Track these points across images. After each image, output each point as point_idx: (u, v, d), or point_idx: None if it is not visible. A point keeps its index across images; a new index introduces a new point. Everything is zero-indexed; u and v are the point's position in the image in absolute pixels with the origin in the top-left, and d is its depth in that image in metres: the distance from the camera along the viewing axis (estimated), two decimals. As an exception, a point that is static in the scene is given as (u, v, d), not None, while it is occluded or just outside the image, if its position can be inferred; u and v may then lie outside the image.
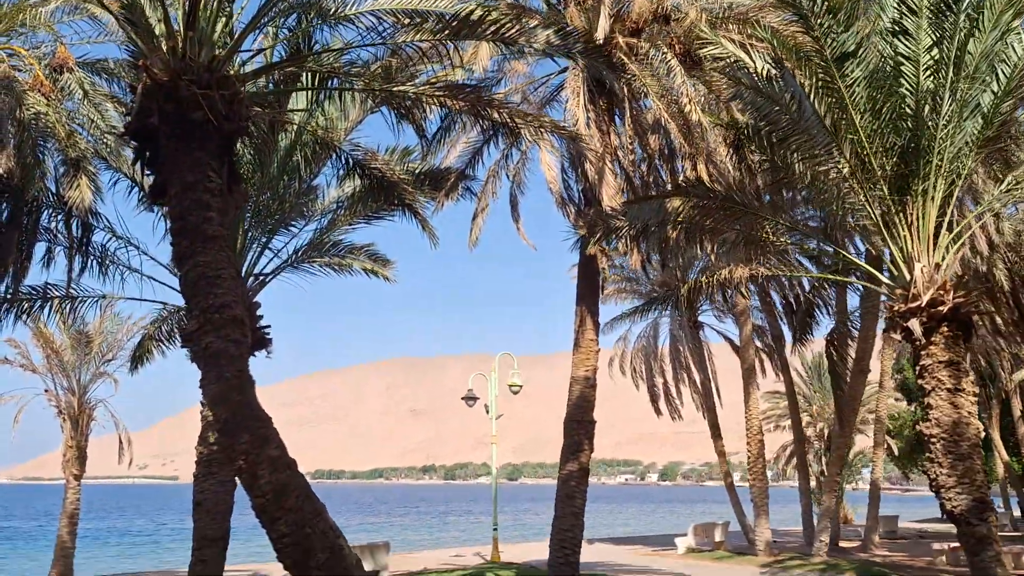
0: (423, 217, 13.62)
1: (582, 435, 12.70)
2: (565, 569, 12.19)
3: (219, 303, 8.70)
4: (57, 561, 22.57)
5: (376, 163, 12.54)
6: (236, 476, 8.37)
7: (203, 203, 9.04)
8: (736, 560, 23.47)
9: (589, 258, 13.47)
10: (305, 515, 8.36)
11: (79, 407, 22.55)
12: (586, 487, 12.63)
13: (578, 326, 13.29)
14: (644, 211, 11.13)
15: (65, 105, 14.02)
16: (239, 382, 8.55)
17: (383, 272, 17.37)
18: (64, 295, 14.15)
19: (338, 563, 8.46)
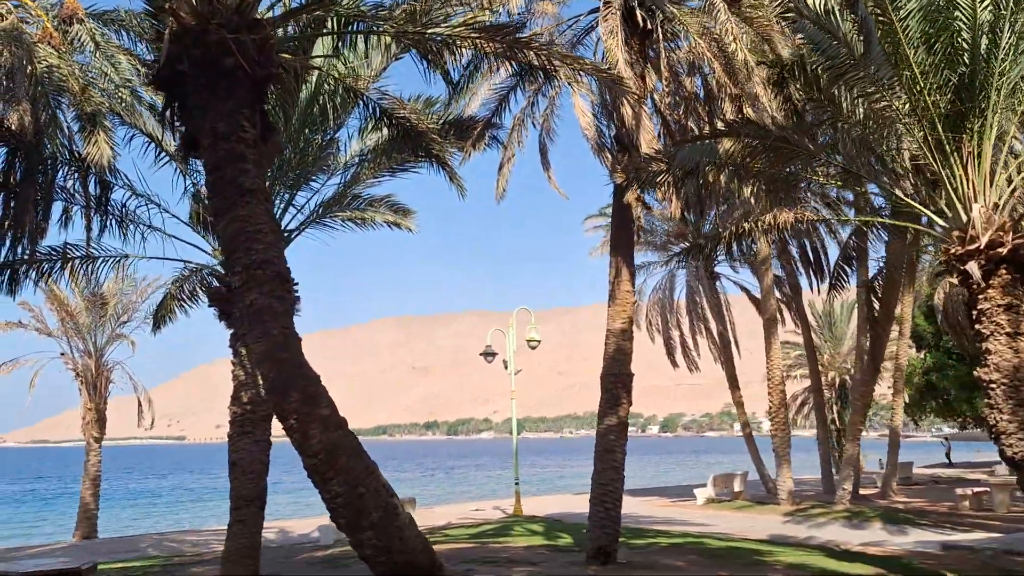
0: (451, 168, 13.19)
1: (620, 388, 12.47)
2: (607, 523, 12.06)
3: (261, 259, 8.37)
4: (81, 522, 22.67)
5: (404, 111, 12.07)
6: (288, 435, 8.11)
7: (238, 154, 8.65)
8: (758, 509, 23.55)
9: (624, 207, 13.08)
10: (357, 474, 8.15)
11: (96, 370, 22.38)
12: (625, 441, 12.45)
13: (613, 277, 12.95)
14: (692, 152, 10.71)
15: (76, 59, 13.51)
16: (285, 339, 8.26)
17: (405, 223, 17.00)
18: (84, 255, 13.78)
19: (391, 522, 8.28)
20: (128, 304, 22.63)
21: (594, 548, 12.02)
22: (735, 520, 21.14)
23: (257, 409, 12.48)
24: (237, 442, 12.24)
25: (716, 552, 13.79)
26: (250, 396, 12.46)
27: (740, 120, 10.51)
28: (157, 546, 19.45)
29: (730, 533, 17.61)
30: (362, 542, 8.20)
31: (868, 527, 18.77)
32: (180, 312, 16.29)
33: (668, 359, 29.47)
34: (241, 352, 12.69)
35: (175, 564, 15.04)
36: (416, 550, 8.41)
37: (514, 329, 24.13)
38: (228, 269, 8.51)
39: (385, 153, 13.90)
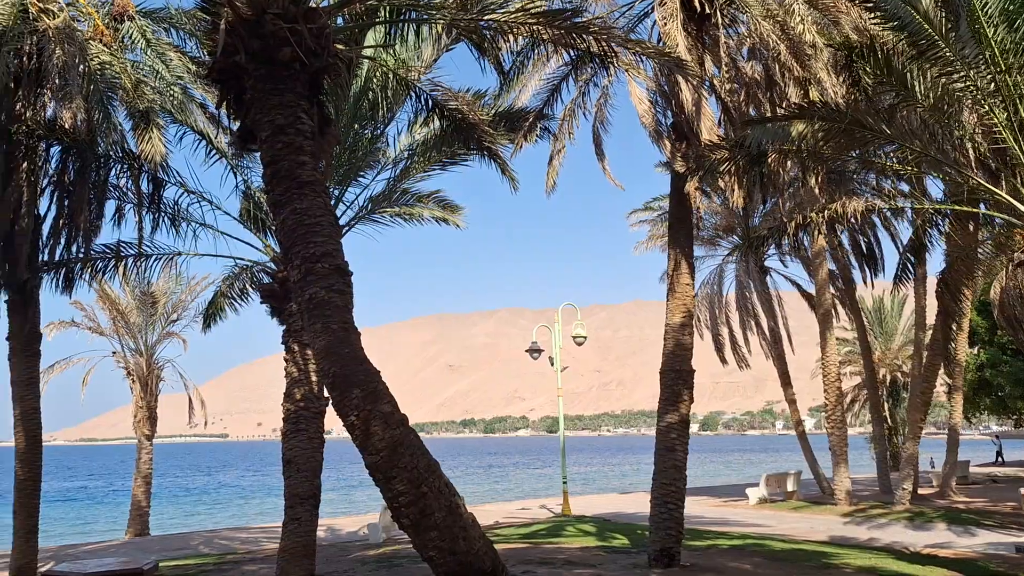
0: (503, 160, 12.91)
1: (681, 385, 12.06)
2: (670, 524, 11.68)
3: (320, 251, 8.19)
4: (133, 520, 22.88)
5: (456, 103, 11.82)
6: (349, 432, 7.90)
7: (296, 146, 8.48)
8: (814, 510, 22.90)
9: (682, 198, 12.68)
10: (420, 472, 7.90)
11: (148, 368, 22.57)
12: (687, 439, 12.04)
13: (672, 270, 12.55)
14: (762, 135, 10.26)
15: (127, 56, 13.52)
16: (346, 334, 8.05)
17: (453, 219, 16.81)
18: (136, 253, 13.80)
19: (455, 522, 8.02)
20: (178, 303, 22.82)
21: (657, 550, 11.65)
22: (792, 521, 20.55)
23: (310, 406, 12.35)
24: (291, 439, 12.12)
25: (781, 555, 13.31)
26: (303, 393, 12.33)
27: (812, 102, 10.03)
28: (208, 543, 19.51)
29: (790, 534, 17.09)
30: (426, 543, 7.96)
31: (932, 528, 18.10)
32: (231, 311, 16.27)
33: (717, 355, 28.84)
34: (294, 349, 12.58)
35: (229, 562, 15.00)
36: (480, 551, 8.14)
37: (560, 325, 23.77)
38: (287, 263, 8.33)
39: (435, 147, 13.68)
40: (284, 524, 11.88)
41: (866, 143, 9.86)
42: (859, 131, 9.67)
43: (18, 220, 12.73)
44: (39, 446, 13.19)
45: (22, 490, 12.93)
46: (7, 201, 12.53)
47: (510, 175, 13.00)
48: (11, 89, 12.82)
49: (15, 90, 13.00)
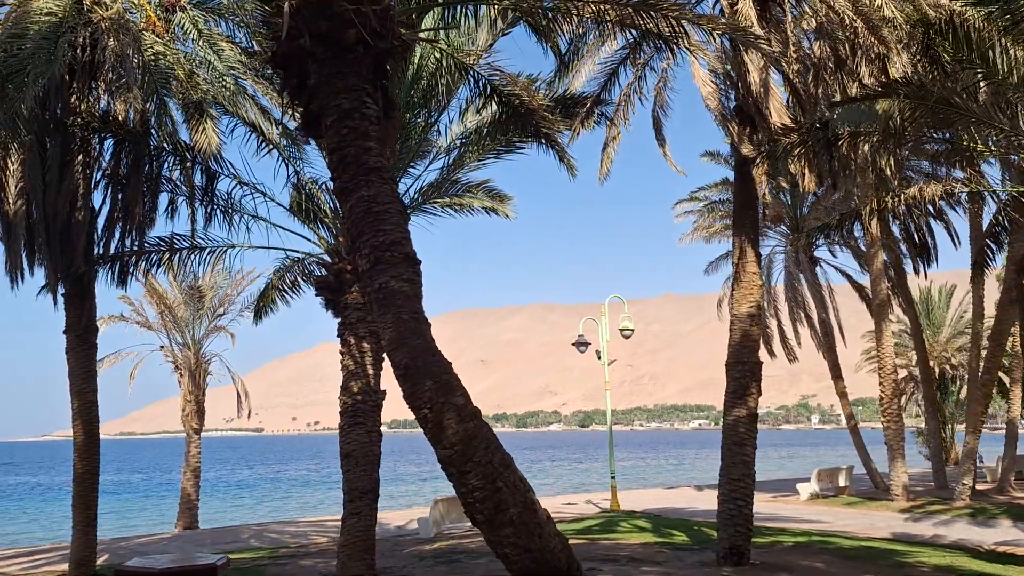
0: (561, 147, 12.57)
1: (749, 377, 11.66)
2: (739, 521, 11.30)
3: (390, 240, 7.95)
4: (183, 513, 23.01)
5: (515, 88, 11.50)
6: (421, 425, 7.66)
7: (362, 132, 8.24)
8: (870, 506, 22.29)
9: (747, 183, 12.23)
10: (495, 467, 7.63)
11: (195, 362, 22.65)
12: (756, 433, 11.65)
13: (737, 258, 12.14)
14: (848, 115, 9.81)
15: (178, 47, 13.43)
16: (417, 324, 7.81)
17: (503, 209, 16.53)
18: (190, 246, 13.72)
19: (531, 518, 7.75)
20: (224, 297, 22.88)
21: (726, 547, 11.28)
22: (848, 517, 19.99)
23: (368, 399, 12.16)
24: (349, 433, 11.94)
25: (850, 552, 12.85)
26: (361, 386, 12.15)
27: (896, 79, 9.54)
28: (258, 537, 19.51)
29: (851, 531, 16.59)
30: (501, 540, 7.69)
31: (997, 525, 17.48)
32: (281, 302, 16.16)
33: (765, 348, 28.20)
34: (350, 341, 12.40)
35: (283, 556, 14.92)
36: (555, 549, 7.85)
37: (607, 318, 23.40)
38: (354, 251, 8.12)
39: (490, 135, 13.38)
40: (343, 519, 11.72)
41: (951, 123, 9.37)
42: (945, 110, 9.18)
43: (74, 212, 12.73)
44: (97, 439, 13.19)
45: (81, 483, 12.95)
46: (64, 193, 12.51)
47: (568, 162, 12.66)
48: (66, 81, 12.80)
49: (70, 82, 12.99)
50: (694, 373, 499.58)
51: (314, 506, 37.60)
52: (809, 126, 10.48)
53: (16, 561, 17.06)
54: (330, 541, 17.61)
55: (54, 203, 12.41)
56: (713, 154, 27.26)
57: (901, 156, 14.30)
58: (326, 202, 13.30)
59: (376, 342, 12.51)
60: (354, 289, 12.50)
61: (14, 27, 11.85)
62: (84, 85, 13.44)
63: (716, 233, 28.38)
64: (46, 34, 11.53)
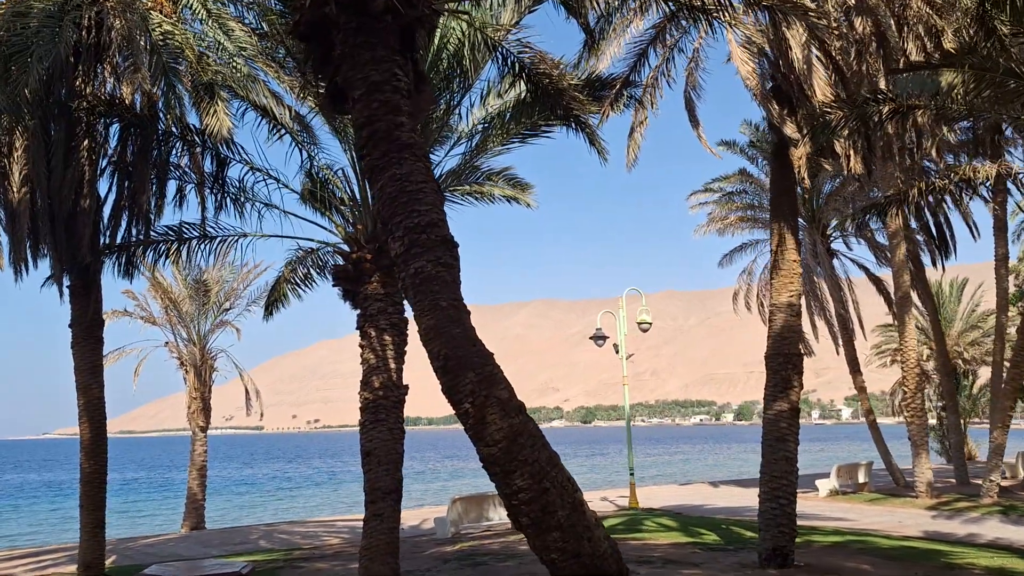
0: (591, 130, 12.01)
1: (790, 370, 11.10)
2: (783, 521, 10.75)
3: (425, 221, 7.38)
4: (189, 513, 22.45)
5: (546, 67, 10.92)
6: (462, 421, 7.11)
7: (393, 105, 7.67)
8: (893, 503, 21.74)
9: (785, 168, 11.67)
10: (542, 466, 7.08)
11: (201, 358, 22.07)
12: (798, 428, 11.10)
13: (776, 246, 11.57)
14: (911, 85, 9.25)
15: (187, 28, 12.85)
16: (457, 312, 7.25)
17: (524, 198, 15.97)
18: (200, 235, 13.13)
19: (579, 521, 7.19)
20: (230, 291, 22.29)
21: (769, 548, 10.73)
22: (874, 514, 19.46)
23: (390, 395, 11.58)
24: (371, 431, 11.36)
25: (893, 553, 12.31)
26: (382, 381, 11.56)
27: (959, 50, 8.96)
28: (268, 538, 18.97)
29: (881, 529, 16.05)
30: (547, 544, 7.14)
31: (1031, 523, 16.93)
32: (293, 296, 15.57)
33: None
34: (370, 334, 11.81)
35: (297, 559, 14.36)
36: (605, 554, 7.30)
37: (624, 311, 22.83)
38: (388, 234, 7.55)
39: (514, 117, 12.79)
40: (365, 520, 11.14)
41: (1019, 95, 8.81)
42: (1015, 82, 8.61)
43: (80, 200, 12.16)
44: (104, 437, 12.65)
45: (88, 483, 12.40)
46: (69, 180, 11.94)
47: (599, 146, 12.10)
48: (71, 63, 12.22)
49: (74, 65, 12.40)
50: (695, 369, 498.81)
51: (318, 507, 37.07)
52: (864, 99, 9.89)
53: (23, 562, 16.52)
54: (343, 542, 17.07)
55: (59, 190, 11.84)
56: (729, 143, 26.62)
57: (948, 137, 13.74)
58: (343, 188, 12.72)
59: (398, 335, 11.94)
60: (374, 279, 11.92)
61: (17, 5, 11.28)
62: (89, 68, 12.85)
63: (731, 225, 27.78)
64: (51, 12, 10.96)
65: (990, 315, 46.71)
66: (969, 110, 9.06)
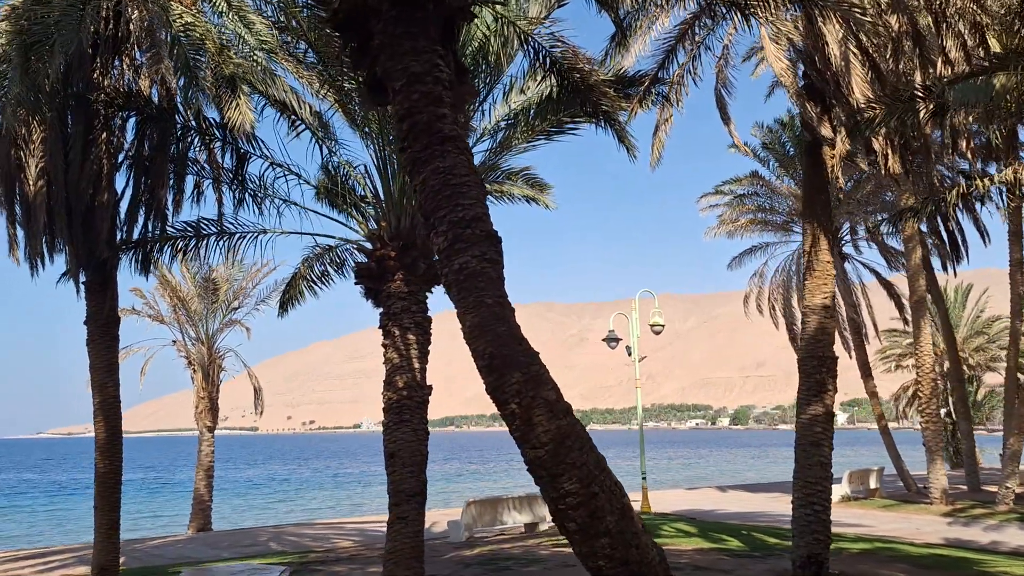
0: (621, 126, 11.77)
1: (824, 373, 10.90)
2: (817, 528, 10.54)
3: (470, 215, 7.13)
4: (196, 514, 22.15)
5: (577, 61, 10.68)
6: (507, 422, 6.86)
7: (435, 97, 7.42)
8: (907, 509, 21.57)
9: (818, 167, 11.48)
10: (590, 469, 6.81)
11: (209, 357, 21.78)
12: (832, 433, 10.88)
13: (809, 247, 11.37)
14: (966, 92, 9.07)
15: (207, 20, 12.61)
16: (502, 310, 7.00)
17: (543, 199, 15.82)
18: (219, 231, 12.87)
19: (629, 526, 6.93)
20: (239, 289, 22.02)
21: (803, 556, 10.51)
22: (889, 521, 19.27)
23: (414, 394, 11.34)
24: (394, 432, 11.11)
25: (924, 561, 12.10)
26: (406, 381, 11.32)
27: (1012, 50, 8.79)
28: (277, 540, 18.69)
29: (902, 536, 15.87)
30: (594, 551, 6.87)
31: (1051, 530, 16.76)
32: (309, 293, 15.30)
33: (792, 346, 27.43)
34: (394, 333, 11.57)
35: (313, 561, 14.10)
36: (653, 561, 7.03)
37: (637, 312, 22.62)
38: (430, 228, 7.28)
39: (539, 114, 12.56)
40: (389, 523, 10.90)
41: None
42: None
43: (98, 195, 11.89)
44: (120, 436, 12.37)
45: (103, 483, 12.12)
46: (87, 174, 11.67)
47: (628, 143, 11.87)
48: (89, 55, 11.97)
49: (92, 57, 12.15)
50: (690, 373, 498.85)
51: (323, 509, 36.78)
52: (909, 96, 9.70)
53: (29, 563, 16.24)
54: (356, 545, 16.81)
55: (77, 184, 11.58)
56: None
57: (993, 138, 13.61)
58: (366, 185, 12.47)
59: (421, 334, 11.72)
60: (397, 277, 11.68)
61: (37, -8, 11.03)
62: (107, 60, 12.61)
63: (741, 228, 27.59)
64: (72, 1, 10.71)
65: (995, 321, 46.82)
66: (1019, 111, 8.85)
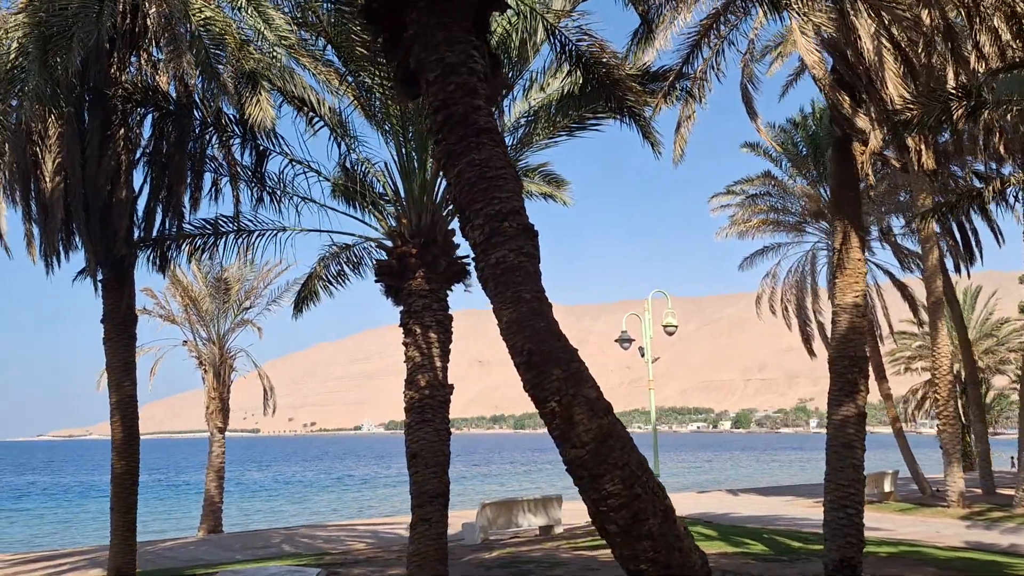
0: (646, 123, 11.60)
1: (856, 373, 10.70)
2: (850, 531, 10.33)
3: (507, 208, 6.96)
4: (207, 516, 21.96)
5: (604, 55, 10.52)
6: (546, 420, 6.68)
7: (471, 88, 7.25)
8: (924, 512, 21.35)
9: (847, 163, 11.29)
10: (633, 470, 6.63)
11: (221, 357, 21.60)
12: (864, 435, 10.69)
13: (839, 244, 11.18)
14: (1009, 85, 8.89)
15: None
16: (540, 305, 6.83)
17: (560, 195, 15.69)
18: (237, 228, 12.70)
19: (671, 529, 6.75)
20: (251, 289, 21.85)
21: (836, 559, 10.29)
22: (908, 524, 19.04)
23: (436, 394, 11.16)
24: (417, 431, 10.93)
25: (954, 564, 11.91)
26: (428, 379, 11.14)
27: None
28: (290, 542, 18.51)
29: (923, 539, 15.63)
30: (636, 554, 6.69)
31: (1073, 534, 16.54)
32: (324, 293, 15.13)
33: (805, 348, 27.29)
34: (415, 331, 11.39)
35: (329, 564, 13.90)
36: (695, 566, 6.86)
37: (650, 314, 22.42)
38: (466, 222, 7.11)
39: (560, 110, 12.40)
40: (412, 525, 10.71)
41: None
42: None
43: (116, 191, 11.74)
44: (137, 436, 12.19)
45: (120, 484, 11.93)
46: (104, 170, 11.51)
47: (653, 139, 11.70)
48: (106, 50, 11.81)
49: (109, 52, 11.99)
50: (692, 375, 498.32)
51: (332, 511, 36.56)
52: (948, 94, 9.52)
53: (39, 566, 16.06)
54: (371, 547, 16.63)
55: (94, 180, 11.42)
56: (752, 145, 26.34)
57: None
58: (387, 182, 12.30)
59: (443, 332, 11.54)
60: (418, 275, 11.50)
61: (55, -15, 10.87)
62: (124, 56, 12.46)
63: (753, 228, 27.41)
64: (90, -7, 10.54)
65: (1004, 323, 46.66)
66: None
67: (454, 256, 12.00)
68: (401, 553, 15.15)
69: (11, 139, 10.91)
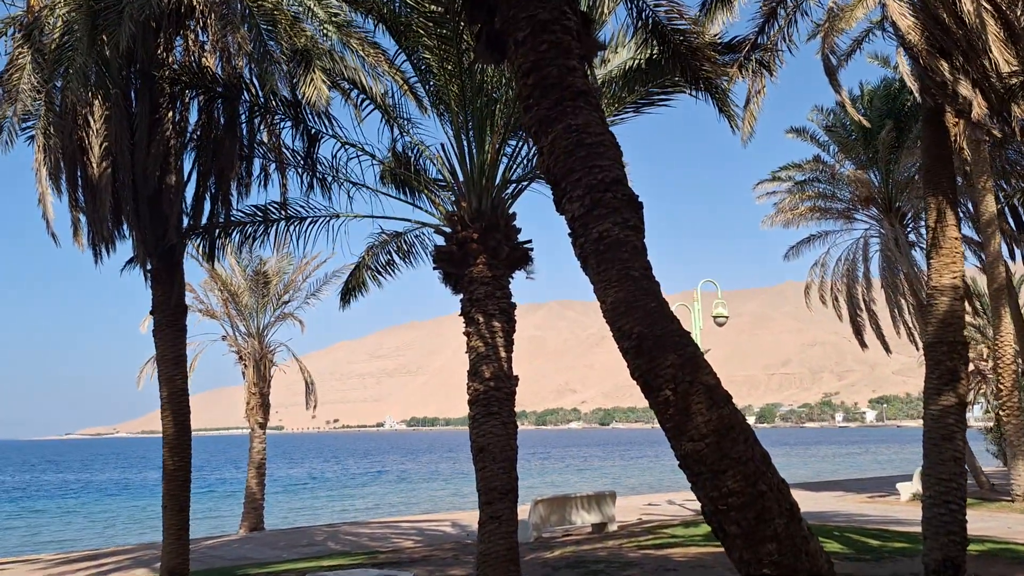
0: (724, 95, 10.94)
1: (956, 359, 9.97)
2: (953, 528, 9.66)
3: (609, 178, 6.34)
4: (248, 513, 21.59)
5: (682, 22, 9.85)
6: (659, 411, 6.06)
7: (565, 47, 6.65)
8: (987, 507, 20.48)
9: (941, 137, 10.56)
10: (756, 465, 5.99)
11: (261, 351, 21.18)
12: (965, 426, 9.98)
13: (934, 222, 10.44)
14: None
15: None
16: (650, 284, 6.20)
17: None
18: (288, 215, 12.19)
19: (798, 530, 6.08)
20: (290, 283, 21.42)
21: (939, 559, 9.62)
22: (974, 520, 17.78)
23: (501, 385, 10.59)
24: (482, 425, 10.36)
25: (1056, 564, 11.12)
26: (493, 371, 10.57)
27: None
28: (335, 539, 18.07)
29: (1000, 536, 14.86)
30: (760, 557, 6.03)
31: None
32: (373, 283, 14.58)
33: (856, 339, 26.42)
34: (478, 320, 10.81)
35: (383, 563, 13.40)
36: (823, 570, 6.19)
37: (699, 304, 21.71)
38: (562, 195, 6.50)
39: (626, 84, 11.73)
40: (481, 523, 10.15)
41: None
42: None
43: (166, 177, 11.26)
44: (188, 431, 11.74)
45: (172, 481, 11.48)
46: (154, 155, 11.02)
47: (729, 111, 11.03)
48: (153, 30, 11.33)
49: (156, 31, 11.51)
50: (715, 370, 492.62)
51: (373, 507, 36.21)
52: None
53: (82, 566, 15.71)
54: (421, 545, 16.12)
55: (143, 166, 10.94)
56: (799, 130, 25.52)
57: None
58: (445, 164, 11.71)
59: (507, 321, 10.95)
60: (480, 260, 10.90)
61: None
62: (170, 36, 11.97)
63: (800, 216, 26.53)
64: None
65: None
66: None
67: (516, 241, 11.41)
68: (456, 551, 14.63)
69: (56, 121, 10.48)
